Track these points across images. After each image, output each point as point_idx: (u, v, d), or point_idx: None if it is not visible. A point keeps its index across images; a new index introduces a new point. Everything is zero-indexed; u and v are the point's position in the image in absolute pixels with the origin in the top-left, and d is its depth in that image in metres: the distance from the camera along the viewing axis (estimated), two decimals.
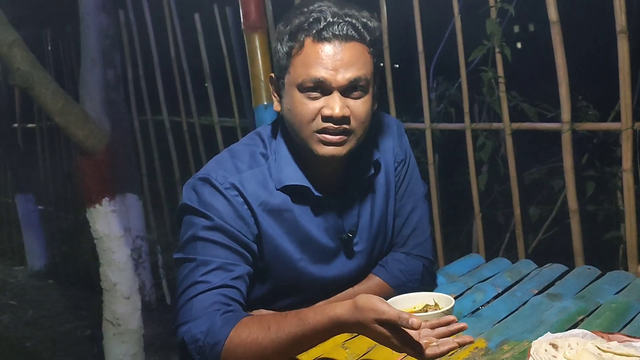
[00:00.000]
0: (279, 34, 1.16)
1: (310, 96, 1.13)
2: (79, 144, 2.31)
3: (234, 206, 1.15)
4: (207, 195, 1.15)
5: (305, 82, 1.12)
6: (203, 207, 1.15)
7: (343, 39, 1.11)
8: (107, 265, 2.49)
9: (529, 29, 3.97)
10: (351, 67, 1.12)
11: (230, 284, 1.10)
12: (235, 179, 1.16)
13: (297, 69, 1.13)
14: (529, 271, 1.42)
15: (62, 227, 4.30)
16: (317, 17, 1.12)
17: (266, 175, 1.19)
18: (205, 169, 1.20)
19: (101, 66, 2.52)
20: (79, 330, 3.31)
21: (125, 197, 3.34)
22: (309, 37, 1.12)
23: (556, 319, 1.12)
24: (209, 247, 1.13)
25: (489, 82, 2.08)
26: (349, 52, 1.12)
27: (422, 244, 1.33)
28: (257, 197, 1.17)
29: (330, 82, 1.11)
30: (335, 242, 1.25)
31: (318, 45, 1.11)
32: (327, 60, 1.11)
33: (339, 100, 1.12)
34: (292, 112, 1.15)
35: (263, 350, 1.01)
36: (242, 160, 1.20)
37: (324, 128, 1.13)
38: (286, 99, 1.16)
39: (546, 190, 2.42)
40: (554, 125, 1.91)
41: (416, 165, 1.37)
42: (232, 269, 1.12)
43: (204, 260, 1.12)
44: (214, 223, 1.13)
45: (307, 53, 1.12)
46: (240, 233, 1.14)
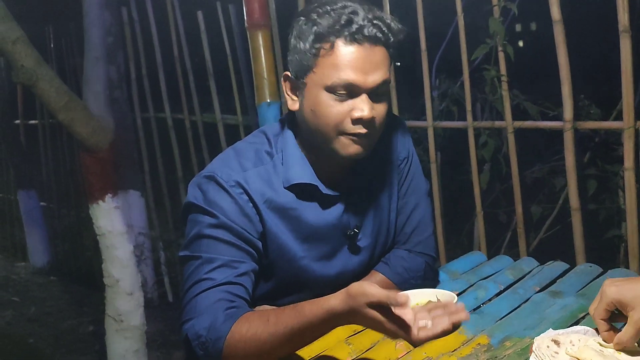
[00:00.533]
0: (301, 32, 1.14)
1: (338, 98, 1.12)
2: (83, 141, 2.32)
3: (239, 204, 1.15)
4: (212, 193, 1.16)
5: (335, 84, 1.11)
6: (208, 205, 1.15)
7: (373, 42, 1.11)
8: (110, 261, 2.49)
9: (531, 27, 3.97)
10: (379, 70, 1.12)
11: (235, 281, 1.11)
12: (240, 177, 1.17)
13: (326, 70, 1.11)
14: (530, 269, 1.43)
15: (64, 223, 4.31)
16: (349, 19, 1.10)
17: (271, 173, 1.20)
18: (211, 167, 1.20)
19: (104, 64, 2.53)
20: (82, 327, 3.32)
21: (128, 194, 3.35)
22: (341, 39, 1.10)
23: (558, 315, 1.13)
24: (213, 245, 1.13)
25: (492, 81, 2.09)
26: (377, 55, 1.12)
27: (425, 241, 1.33)
28: (262, 194, 1.18)
29: (360, 85, 1.11)
30: (340, 239, 1.25)
31: (349, 48, 1.10)
32: (359, 63, 1.10)
33: (368, 103, 1.12)
34: (318, 113, 1.14)
35: (262, 344, 1.02)
36: (247, 158, 1.20)
37: (354, 131, 1.13)
38: (309, 99, 1.15)
39: (548, 189, 2.42)
40: (556, 123, 1.92)
41: (419, 163, 1.37)
42: (237, 266, 1.13)
43: (208, 258, 1.12)
44: (218, 221, 1.14)
45: (339, 55, 1.10)
46: (245, 231, 1.15)
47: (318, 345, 1.10)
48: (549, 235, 2.37)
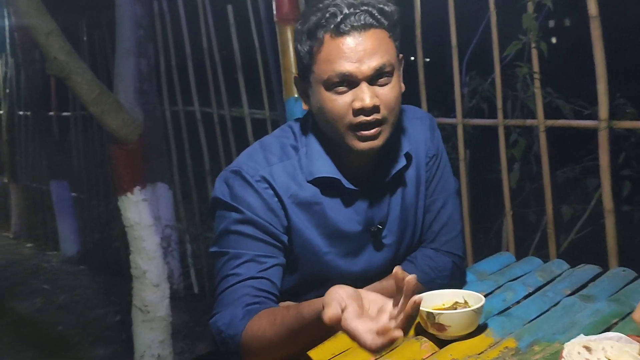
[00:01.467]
0: (297, 34, 1.16)
1: (337, 91, 1.12)
2: (113, 133, 2.35)
3: (265, 199, 1.16)
4: (238, 188, 1.17)
5: (330, 78, 1.11)
6: (234, 200, 1.16)
7: (362, 29, 1.10)
8: (137, 253, 2.53)
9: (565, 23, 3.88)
10: (374, 55, 1.10)
11: (261, 275, 1.12)
12: (265, 171, 1.17)
13: (321, 66, 1.12)
14: (561, 271, 1.39)
15: (94, 214, 4.38)
16: (333, 12, 1.10)
17: (296, 167, 1.20)
18: (237, 162, 1.21)
19: (135, 57, 2.55)
20: (109, 316, 3.38)
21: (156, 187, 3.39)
22: (328, 33, 1.11)
23: (589, 321, 1.09)
24: (240, 240, 1.14)
25: (524, 78, 2.05)
26: (370, 41, 1.10)
27: (452, 240, 1.31)
28: (287, 189, 1.18)
29: (356, 75, 1.10)
30: (365, 235, 1.24)
31: (338, 40, 1.10)
32: (350, 53, 1.10)
33: (367, 91, 1.11)
34: (322, 110, 1.14)
35: (270, 343, 1.03)
36: (273, 153, 1.20)
37: (358, 123, 1.12)
38: (314, 97, 1.16)
39: (580, 189, 2.37)
40: (590, 122, 1.87)
41: (448, 160, 1.35)
42: (264, 261, 1.14)
43: (236, 254, 1.14)
44: (245, 216, 1.15)
45: (328, 49, 1.11)
46: (271, 225, 1.16)
47: (341, 344, 1.09)
48: (580, 237, 2.31)
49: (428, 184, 1.30)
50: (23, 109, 4.90)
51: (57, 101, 4.58)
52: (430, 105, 2.26)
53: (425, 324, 1.08)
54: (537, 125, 1.98)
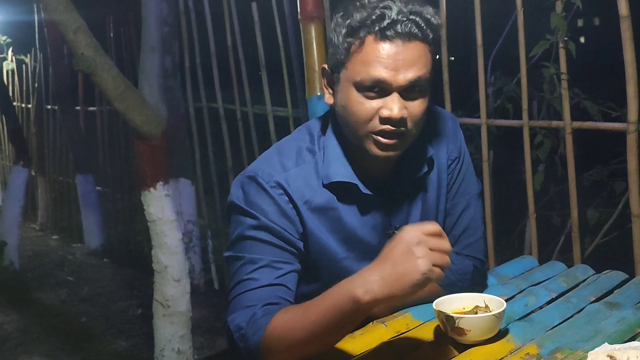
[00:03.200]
0: (336, 25, 1.13)
1: (368, 95, 1.10)
2: (137, 129, 2.37)
3: (279, 205, 1.15)
4: (253, 194, 1.16)
5: (364, 81, 1.09)
6: (249, 206, 1.16)
7: (406, 38, 1.07)
8: (159, 247, 2.55)
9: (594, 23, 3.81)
10: (412, 68, 1.08)
11: (277, 282, 1.12)
12: (280, 177, 1.16)
13: (356, 66, 1.09)
14: (585, 277, 1.37)
15: (118, 208, 4.45)
16: (380, 14, 1.07)
17: (312, 172, 1.19)
18: (253, 167, 1.21)
19: (160, 53, 2.57)
20: (131, 309, 3.42)
21: (179, 182, 3.42)
22: (371, 35, 1.07)
23: (614, 329, 1.07)
24: (256, 246, 1.14)
25: (551, 79, 2.01)
26: (411, 52, 1.08)
27: (474, 244, 1.29)
28: (303, 195, 1.17)
29: (390, 83, 1.08)
30: (383, 240, 1.23)
31: (380, 44, 1.07)
32: (389, 60, 1.07)
33: (398, 102, 1.08)
34: (348, 110, 1.13)
35: (297, 337, 1.02)
36: (289, 157, 1.19)
37: (381, 130, 1.11)
38: (341, 94, 1.14)
39: (606, 193, 2.32)
40: (619, 125, 1.83)
41: (471, 162, 1.33)
42: (280, 267, 1.13)
43: (251, 259, 1.13)
44: (260, 222, 1.14)
45: (368, 51, 1.08)
46: (286, 231, 1.15)
47: (360, 345, 1.09)
48: (605, 242, 2.27)
49: (449, 187, 1.28)
50: (51, 103, 4.99)
51: (84, 96, 4.66)
52: (454, 105, 2.23)
53: (445, 327, 1.06)
54: (563, 127, 1.94)
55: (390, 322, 1.15)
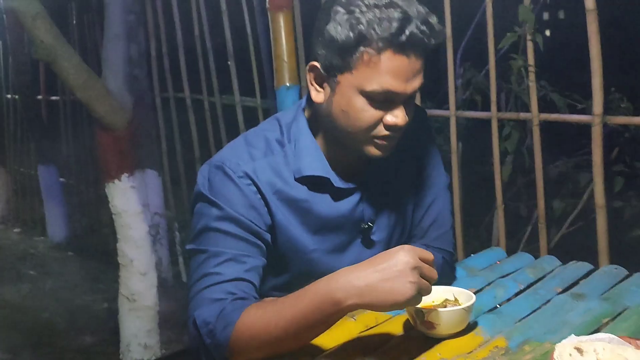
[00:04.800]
0: (341, 26, 1.06)
1: (374, 104, 1.08)
2: (100, 119, 2.31)
3: (247, 195, 1.12)
4: (219, 183, 1.13)
5: (375, 91, 1.06)
6: (214, 196, 1.13)
7: (419, 50, 1.06)
8: (125, 240, 2.50)
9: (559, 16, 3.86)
10: (418, 77, 1.08)
11: (243, 276, 1.09)
12: (249, 167, 1.14)
13: (367, 74, 1.05)
14: (552, 268, 1.38)
15: (82, 200, 4.34)
16: (401, 27, 1.03)
17: (282, 163, 1.16)
18: (220, 156, 1.17)
19: (125, 42, 2.51)
20: (96, 304, 3.35)
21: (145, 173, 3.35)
22: (391, 48, 1.04)
23: (580, 320, 1.08)
24: (220, 238, 1.11)
25: (519, 71, 2.02)
26: (419, 62, 1.07)
27: (443, 235, 1.29)
28: (272, 186, 1.14)
29: (400, 94, 1.07)
30: (353, 232, 1.22)
31: (397, 57, 1.04)
32: (402, 73, 1.05)
33: (402, 109, 1.09)
34: (350, 115, 1.09)
35: (271, 335, 1.00)
36: (257, 148, 1.17)
37: (385, 135, 1.10)
38: (341, 99, 1.10)
39: (572, 184, 2.36)
40: (584, 117, 1.85)
41: (439, 155, 1.33)
42: (245, 261, 1.10)
43: (215, 252, 1.10)
44: (225, 213, 1.11)
45: (385, 64, 1.04)
46: (252, 223, 1.12)
47: (328, 341, 1.07)
48: (570, 232, 2.31)
49: (418, 179, 1.28)
50: (11, 93, 4.84)
51: (46, 85, 4.52)
52: (423, 96, 2.23)
53: (414, 321, 1.06)
54: (530, 119, 1.96)
55: (359, 316, 1.14)
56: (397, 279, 0.93)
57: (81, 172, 4.31)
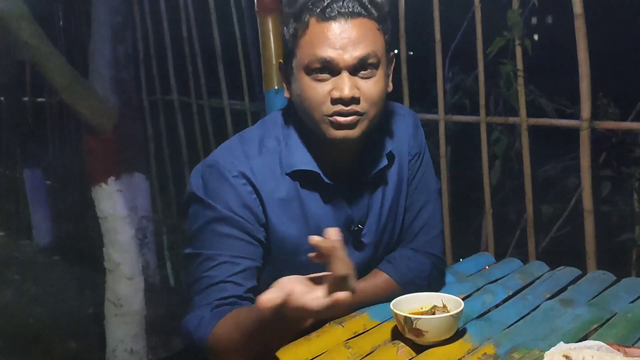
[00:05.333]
0: (284, 17, 1.12)
1: (318, 78, 1.08)
2: (86, 122, 2.29)
3: (242, 195, 1.12)
4: (214, 183, 1.12)
5: (311, 63, 1.07)
6: (209, 196, 1.12)
7: (349, 16, 1.06)
8: (111, 245, 2.47)
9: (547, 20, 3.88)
10: (359, 45, 1.06)
11: (234, 279, 1.08)
12: (244, 166, 1.13)
13: (303, 50, 1.08)
14: (540, 273, 1.38)
15: (69, 203, 4.29)
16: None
17: (275, 160, 1.16)
18: (214, 155, 1.17)
19: (111, 43, 2.48)
20: (82, 309, 3.31)
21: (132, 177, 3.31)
22: (314, 17, 1.07)
23: (569, 327, 1.07)
24: (215, 240, 1.10)
25: (507, 75, 2.02)
26: (356, 29, 1.07)
27: (432, 240, 1.28)
28: (266, 184, 1.14)
29: (337, 62, 1.06)
30: (344, 233, 1.21)
31: (323, 24, 1.06)
32: (334, 39, 1.06)
33: (347, 81, 1.07)
34: (302, 97, 1.11)
35: (234, 344, 1.00)
36: (252, 146, 1.16)
37: (335, 112, 1.08)
38: (295, 84, 1.12)
39: (560, 188, 2.36)
40: (572, 122, 1.85)
41: (430, 159, 1.32)
42: (239, 262, 1.10)
43: (209, 255, 1.09)
44: (220, 214, 1.10)
45: (312, 33, 1.07)
46: (248, 222, 1.12)
47: (315, 348, 1.06)
48: (558, 236, 2.31)
49: (409, 183, 1.27)
50: None
51: (32, 87, 4.46)
52: (412, 100, 2.23)
53: (403, 328, 1.05)
54: (519, 123, 1.96)
55: (347, 323, 1.13)
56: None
57: (67, 175, 4.26)
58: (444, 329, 1.03)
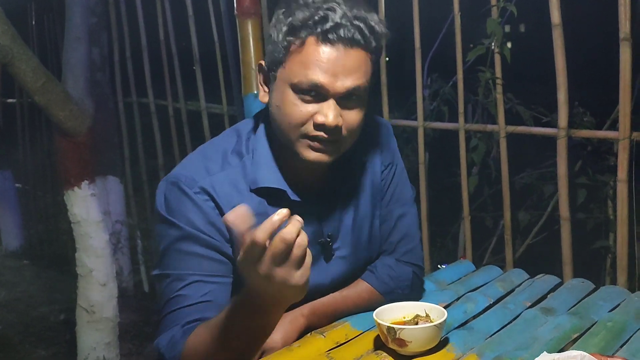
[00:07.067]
0: (277, 22, 1.07)
1: (304, 99, 1.05)
2: (59, 124, 2.22)
3: (205, 211, 1.09)
4: (175, 201, 1.09)
5: (301, 83, 1.04)
6: (172, 215, 1.09)
7: (348, 44, 1.03)
8: (84, 250, 2.41)
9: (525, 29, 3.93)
10: (352, 75, 1.04)
11: (205, 299, 1.06)
12: (205, 182, 1.10)
13: (294, 67, 1.04)
14: (520, 281, 1.38)
15: (39, 206, 4.20)
16: (324, 16, 1.02)
17: (239, 176, 1.13)
18: (175, 172, 1.13)
19: (86, 45, 2.43)
20: (53, 315, 3.23)
21: (107, 180, 3.25)
22: (313, 36, 1.03)
23: (551, 336, 1.08)
24: (183, 260, 1.08)
25: (486, 83, 2.04)
26: (352, 59, 1.04)
27: (412, 250, 1.28)
28: (229, 200, 1.09)
29: (327, 89, 1.04)
30: (313, 247, 1.19)
31: (321, 47, 1.03)
32: (328, 65, 1.03)
33: (334, 109, 1.05)
34: (282, 111, 1.07)
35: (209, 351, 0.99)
36: (214, 161, 1.13)
37: (314, 135, 1.06)
38: (276, 94, 1.09)
39: (536, 196, 2.39)
40: (550, 130, 1.87)
41: (404, 169, 1.31)
42: (210, 280, 1.07)
43: (178, 275, 1.07)
44: (185, 232, 1.08)
45: (308, 53, 1.03)
46: (213, 239, 1.09)
47: (298, 358, 1.04)
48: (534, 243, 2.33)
49: (384, 193, 1.26)
50: None
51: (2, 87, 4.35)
52: (391, 107, 2.23)
53: (386, 338, 1.04)
54: (498, 130, 1.97)
55: (328, 333, 1.12)
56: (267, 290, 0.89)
57: (38, 178, 4.16)
58: (428, 339, 1.03)
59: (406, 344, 1.01)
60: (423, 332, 1.02)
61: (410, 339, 1.01)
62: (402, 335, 1.01)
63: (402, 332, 1.01)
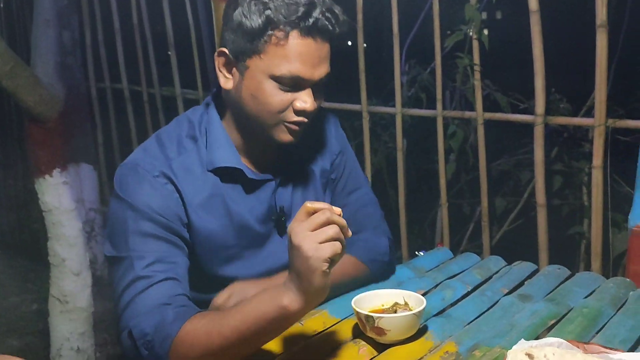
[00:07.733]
0: (250, 12, 1.07)
1: (283, 88, 1.10)
2: (29, 110, 2.17)
3: (163, 195, 1.10)
4: (134, 184, 1.10)
5: (284, 76, 1.08)
6: (130, 197, 1.09)
7: (325, 35, 1.10)
8: (56, 239, 2.36)
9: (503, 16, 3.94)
10: (324, 64, 1.12)
11: (173, 276, 1.05)
12: (165, 166, 1.12)
13: (276, 59, 1.08)
14: (498, 268, 1.39)
15: (10, 194, 4.10)
16: (307, 11, 1.06)
17: (195, 159, 1.15)
18: (133, 157, 1.15)
19: (56, 28, 2.36)
20: (24, 305, 3.17)
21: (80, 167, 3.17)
22: (296, 31, 1.07)
23: (528, 323, 1.08)
24: (142, 241, 1.07)
25: (464, 70, 2.03)
26: (324, 49, 1.11)
27: (381, 225, 1.33)
28: (188, 184, 1.13)
29: (307, 79, 1.10)
30: (268, 225, 1.22)
31: (304, 41, 1.08)
32: (309, 57, 1.08)
33: (311, 95, 1.12)
34: (259, 100, 1.11)
35: (214, 344, 0.95)
36: (170, 148, 1.15)
37: (295, 121, 1.12)
38: (250, 83, 1.11)
39: (513, 182, 2.40)
40: (527, 117, 1.88)
41: (355, 157, 1.37)
42: (171, 260, 1.07)
43: (139, 255, 1.05)
44: (143, 214, 1.08)
45: (292, 47, 1.07)
46: (171, 222, 1.10)
47: (275, 348, 1.03)
48: (511, 229, 2.35)
49: (338, 181, 1.32)
50: None
51: None
52: (369, 93, 2.21)
53: (364, 327, 1.03)
54: (475, 117, 1.97)
55: (306, 322, 1.11)
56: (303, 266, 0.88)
57: (8, 165, 4.06)
58: (407, 328, 1.02)
59: (385, 333, 1.01)
60: (402, 320, 1.01)
61: (389, 328, 1.00)
62: (380, 324, 1.00)
63: (380, 320, 1.00)
